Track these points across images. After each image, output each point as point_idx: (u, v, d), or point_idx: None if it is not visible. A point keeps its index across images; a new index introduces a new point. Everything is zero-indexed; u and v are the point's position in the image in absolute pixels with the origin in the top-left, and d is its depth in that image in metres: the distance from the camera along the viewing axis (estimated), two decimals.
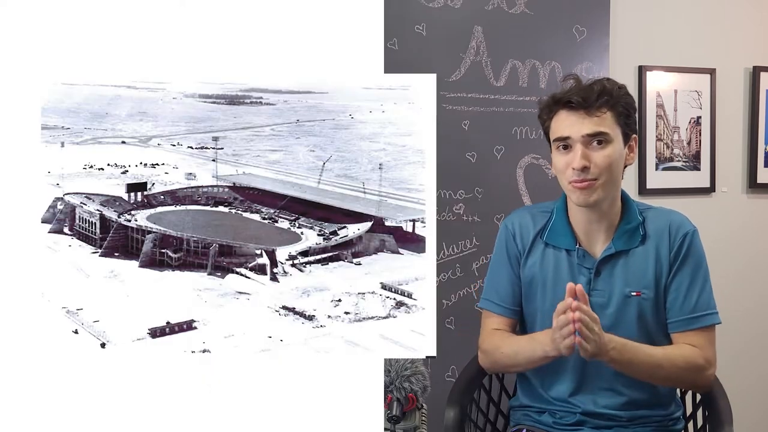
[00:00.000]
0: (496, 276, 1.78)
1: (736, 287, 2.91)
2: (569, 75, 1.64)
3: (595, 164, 1.55)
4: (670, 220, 1.66)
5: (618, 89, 1.59)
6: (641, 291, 1.63)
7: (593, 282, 1.64)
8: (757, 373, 2.92)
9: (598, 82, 1.58)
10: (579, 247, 1.66)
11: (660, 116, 2.82)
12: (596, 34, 2.58)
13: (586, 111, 1.56)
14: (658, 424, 1.68)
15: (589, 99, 1.55)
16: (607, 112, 1.56)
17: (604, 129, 1.55)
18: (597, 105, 1.55)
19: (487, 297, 1.79)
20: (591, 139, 1.56)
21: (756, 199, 3.01)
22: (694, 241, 1.65)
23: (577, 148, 1.56)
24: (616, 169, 1.59)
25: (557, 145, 1.60)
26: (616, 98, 1.57)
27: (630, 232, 1.65)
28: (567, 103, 1.57)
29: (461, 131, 2.46)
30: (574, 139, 1.56)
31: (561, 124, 1.59)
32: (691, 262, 1.64)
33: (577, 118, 1.56)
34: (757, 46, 2.97)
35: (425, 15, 2.40)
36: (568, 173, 1.58)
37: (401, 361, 1.50)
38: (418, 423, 1.51)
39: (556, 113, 1.61)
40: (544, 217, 1.73)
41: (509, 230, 1.76)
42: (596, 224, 1.65)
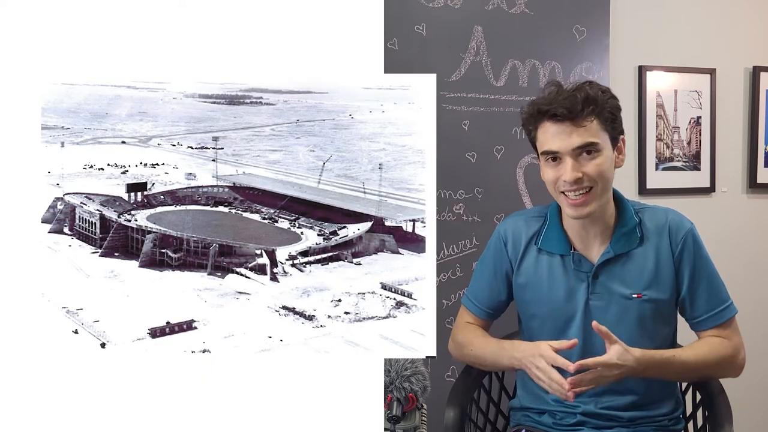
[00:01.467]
0: (479, 277, 1.82)
1: (736, 287, 2.87)
2: (550, 82, 1.61)
3: (588, 175, 1.54)
4: (667, 219, 1.66)
5: (602, 94, 1.56)
6: (642, 293, 1.62)
7: (591, 286, 1.64)
8: (758, 373, 2.92)
9: (580, 89, 1.54)
10: (574, 252, 1.66)
11: (660, 116, 2.82)
12: (596, 34, 2.58)
13: (573, 122, 1.53)
14: (658, 425, 1.68)
15: (574, 109, 1.52)
16: (593, 120, 1.54)
17: (593, 139, 1.53)
18: (583, 115, 1.52)
19: (468, 294, 1.84)
20: (581, 150, 1.54)
21: (756, 199, 3.01)
22: (696, 239, 1.65)
23: (567, 161, 1.54)
24: (607, 176, 1.57)
25: (546, 158, 1.58)
26: (601, 104, 1.54)
27: (627, 235, 1.64)
28: (552, 115, 1.54)
29: (461, 131, 2.46)
30: (564, 153, 1.54)
31: (548, 137, 1.56)
32: (701, 264, 1.65)
33: (564, 129, 1.54)
34: (757, 46, 2.97)
35: (425, 15, 2.40)
36: (559, 184, 1.57)
37: (401, 361, 1.50)
38: (418, 423, 1.50)
39: (541, 124, 1.58)
40: (537, 222, 1.72)
41: (501, 236, 1.76)
42: (591, 228, 1.64)
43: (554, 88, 1.58)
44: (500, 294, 1.77)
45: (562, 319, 1.66)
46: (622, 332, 1.59)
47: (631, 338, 1.59)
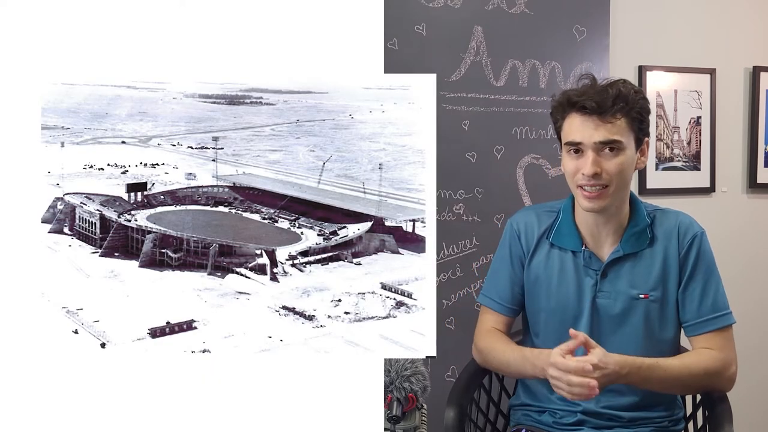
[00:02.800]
0: (497, 274, 1.79)
1: (736, 287, 2.88)
2: (585, 74, 1.62)
3: (607, 171, 1.54)
4: (678, 222, 1.66)
5: (634, 93, 1.56)
6: (648, 293, 1.63)
7: (600, 283, 1.64)
8: (758, 373, 2.92)
9: (613, 86, 1.55)
10: (585, 249, 1.66)
11: (660, 116, 2.82)
12: (596, 34, 2.58)
13: (600, 117, 1.53)
14: (658, 425, 1.68)
15: (604, 105, 1.52)
16: (621, 118, 1.54)
17: (617, 137, 1.53)
18: (612, 111, 1.53)
19: (486, 293, 1.81)
20: (603, 146, 1.54)
21: (756, 199, 3.01)
22: (703, 243, 1.65)
23: (588, 155, 1.54)
24: (626, 176, 1.58)
25: (568, 149, 1.59)
26: (632, 104, 1.55)
27: (638, 235, 1.64)
28: (581, 107, 1.55)
29: (461, 131, 2.46)
30: (586, 145, 1.55)
31: (573, 128, 1.57)
32: (702, 266, 1.64)
33: (590, 123, 1.54)
34: (757, 46, 2.97)
35: (425, 15, 2.40)
36: (578, 177, 1.57)
37: (401, 361, 1.50)
38: (418, 423, 1.50)
39: (569, 115, 1.59)
40: (550, 217, 1.73)
41: (514, 230, 1.76)
42: (603, 226, 1.64)
43: (588, 81, 1.59)
44: (521, 286, 1.75)
45: (569, 314, 1.66)
46: (626, 331, 1.59)
47: (636, 337, 1.59)
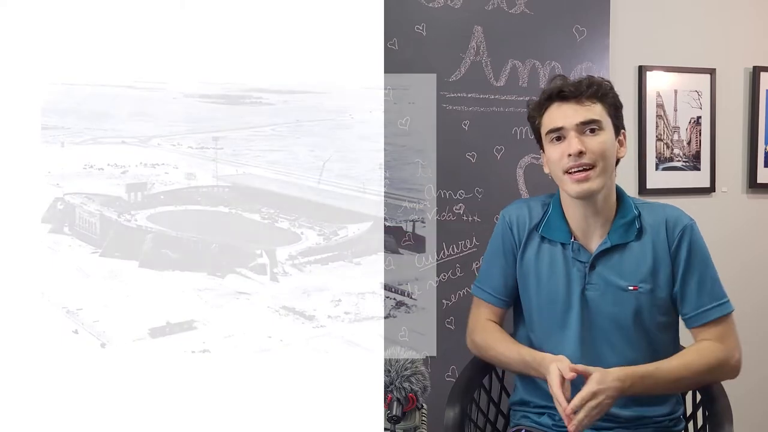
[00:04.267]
0: (490, 266, 1.80)
1: (736, 287, 2.88)
2: (556, 76, 1.68)
3: (591, 150, 1.57)
4: (666, 214, 1.67)
5: (606, 83, 1.64)
6: (638, 285, 1.63)
7: (588, 276, 1.65)
8: (758, 373, 2.92)
9: (585, 78, 1.63)
10: (574, 241, 1.67)
11: (660, 116, 2.82)
12: (596, 34, 2.58)
13: (577, 101, 1.60)
14: (658, 425, 1.68)
15: (579, 88, 1.60)
16: (597, 102, 1.61)
17: (596, 117, 1.59)
18: (587, 95, 1.60)
19: (479, 285, 1.81)
20: (584, 127, 1.58)
21: (756, 199, 3.01)
22: (694, 234, 1.65)
23: (571, 136, 1.58)
24: (610, 158, 1.61)
25: (550, 138, 1.62)
26: (605, 90, 1.62)
27: (626, 226, 1.65)
28: (559, 94, 1.61)
29: (461, 131, 2.45)
30: (568, 128, 1.59)
31: (553, 115, 1.62)
32: (696, 258, 1.64)
33: (569, 108, 1.60)
34: (757, 46, 2.97)
35: (425, 15, 2.40)
36: (563, 162, 1.59)
37: (401, 361, 1.49)
38: (418, 423, 1.50)
39: (547, 108, 1.64)
40: (541, 210, 1.74)
41: (506, 222, 1.77)
42: (592, 219, 1.65)
43: (559, 80, 1.65)
44: (514, 278, 1.76)
45: (560, 307, 1.66)
46: (618, 324, 1.60)
47: (628, 331, 1.60)
